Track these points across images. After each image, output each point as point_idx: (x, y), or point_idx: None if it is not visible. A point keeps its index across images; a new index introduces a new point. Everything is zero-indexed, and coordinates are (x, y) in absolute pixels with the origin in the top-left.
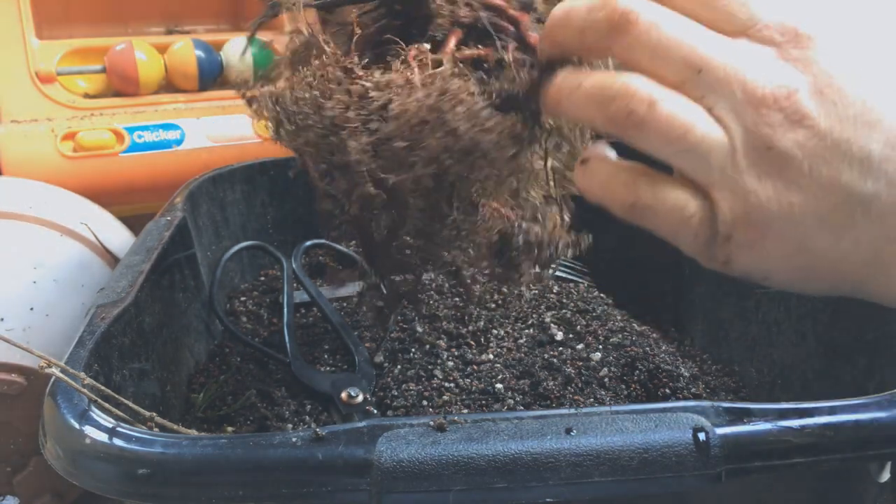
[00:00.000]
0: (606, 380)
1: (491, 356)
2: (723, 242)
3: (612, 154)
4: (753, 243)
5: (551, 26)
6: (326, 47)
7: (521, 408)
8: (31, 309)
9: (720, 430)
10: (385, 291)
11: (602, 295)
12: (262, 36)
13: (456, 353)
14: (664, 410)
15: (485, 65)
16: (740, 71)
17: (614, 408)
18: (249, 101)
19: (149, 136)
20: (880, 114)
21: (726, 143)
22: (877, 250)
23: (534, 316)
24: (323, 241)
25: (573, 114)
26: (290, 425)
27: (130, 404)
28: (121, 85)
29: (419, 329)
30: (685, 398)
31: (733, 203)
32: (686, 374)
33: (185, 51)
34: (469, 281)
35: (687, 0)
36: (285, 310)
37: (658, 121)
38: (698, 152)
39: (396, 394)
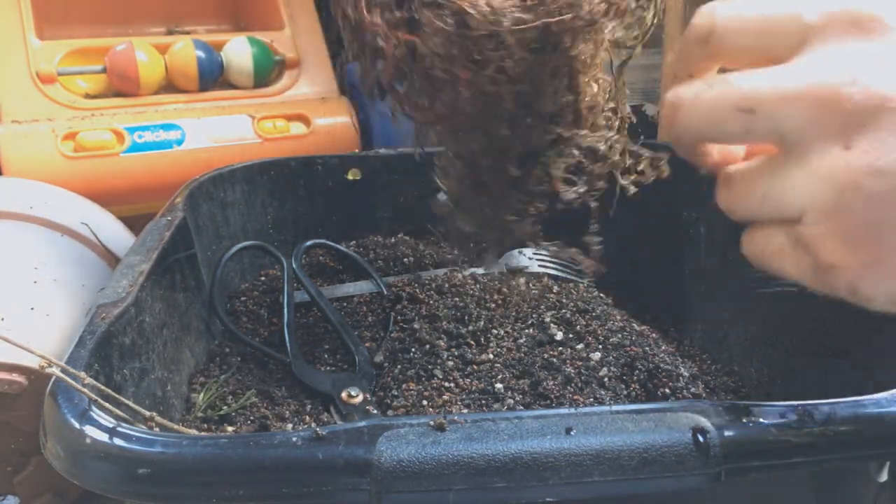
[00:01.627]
0: (606, 380)
1: (491, 356)
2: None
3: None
4: (868, 265)
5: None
6: None
7: (521, 407)
8: (32, 309)
9: (720, 430)
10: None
11: (602, 295)
12: (263, 36)
13: (456, 353)
14: (664, 410)
15: None
16: (800, 88)
17: (614, 408)
18: None
19: (149, 137)
20: None
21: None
22: None
23: (534, 316)
24: (323, 241)
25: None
26: (290, 425)
27: (131, 404)
28: (121, 85)
29: (418, 328)
30: (685, 398)
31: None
32: (686, 373)
33: (185, 51)
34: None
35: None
36: (285, 310)
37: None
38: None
39: (396, 394)
